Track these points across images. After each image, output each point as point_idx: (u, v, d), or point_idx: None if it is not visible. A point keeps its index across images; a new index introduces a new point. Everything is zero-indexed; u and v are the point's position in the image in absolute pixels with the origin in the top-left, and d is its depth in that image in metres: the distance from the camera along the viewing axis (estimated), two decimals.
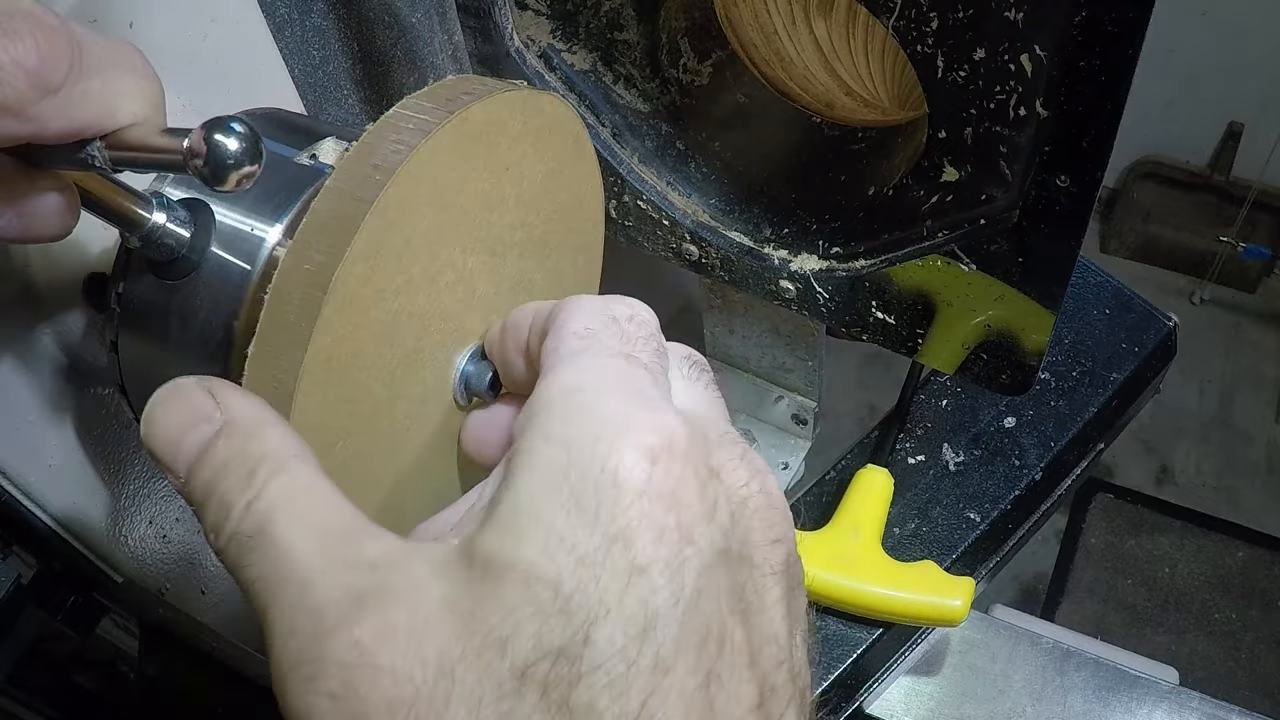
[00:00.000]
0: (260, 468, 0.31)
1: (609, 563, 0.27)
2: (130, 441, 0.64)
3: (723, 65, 0.67)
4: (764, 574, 0.31)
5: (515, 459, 0.30)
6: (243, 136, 0.30)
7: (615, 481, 0.28)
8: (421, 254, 0.39)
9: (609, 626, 0.27)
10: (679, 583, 0.28)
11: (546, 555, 0.27)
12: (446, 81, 0.41)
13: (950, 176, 0.55)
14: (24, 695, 0.76)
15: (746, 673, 0.29)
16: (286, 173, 0.42)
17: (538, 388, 0.32)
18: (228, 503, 0.31)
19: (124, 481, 0.65)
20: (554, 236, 0.48)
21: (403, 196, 0.36)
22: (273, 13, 0.60)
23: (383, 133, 0.37)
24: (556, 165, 0.47)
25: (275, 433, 0.32)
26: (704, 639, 0.28)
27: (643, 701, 0.27)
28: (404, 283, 0.38)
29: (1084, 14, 0.44)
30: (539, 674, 0.27)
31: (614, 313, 0.34)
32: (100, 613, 0.71)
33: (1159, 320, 0.83)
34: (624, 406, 0.30)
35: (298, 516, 0.30)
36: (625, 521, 0.28)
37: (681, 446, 0.29)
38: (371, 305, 0.37)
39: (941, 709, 0.75)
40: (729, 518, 0.30)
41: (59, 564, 0.65)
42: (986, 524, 0.75)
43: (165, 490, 0.68)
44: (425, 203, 0.38)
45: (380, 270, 0.37)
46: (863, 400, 2.29)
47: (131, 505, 0.66)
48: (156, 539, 0.68)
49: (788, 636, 0.31)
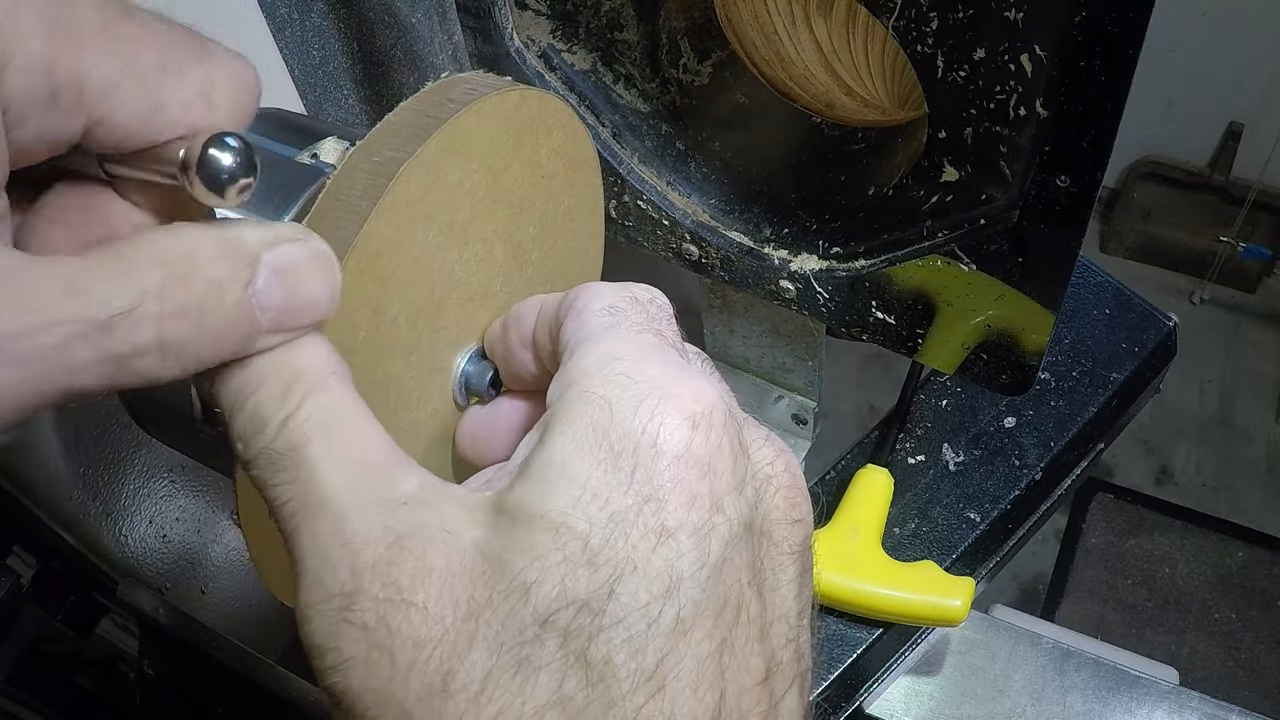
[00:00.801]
0: (298, 383, 0.30)
1: (640, 521, 0.28)
2: (130, 441, 0.64)
3: (723, 65, 0.67)
4: (782, 552, 0.32)
5: (553, 420, 0.30)
6: (236, 150, 0.30)
7: (655, 443, 0.29)
8: (466, 203, 0.40)
9: (634, 583, 0.27)
10: (705, 549, 0.28)
11: (580, 508, 0.28)
12: (502, 76, 0.42)
13: (950, 176, 0.55)
14: (24, 695, 0.76)
15: (757, 645, 0.30)
16: (287, 172, 0.42)
17: (568, 361, 0.32)
18: (262, 416, 0.30)
19: (124, 481, 0.65)
20: (559, 281, 0.49)
21: (468, 130, 0.38)
22: (273, 13, 0.60)
23: (454, 81, 0.39)
24: (576, 208, 0.48)
25: (316, 345, 0.31)
26: (722, 607, 0.29)
27: (659, 660, 0.27)
28: (448, 224, 0.39)
29: (1084, 14, 0.44)
30: (560, 622, 0.27)
31: (635, 294, 0.35)
32: (100, 613, 0.71)
33: (1159, 320, 0.83)
34: (665, 372, 0.30)
35: (334, 442, 0.30)
36: (660, 483, 0.28)
37: (720, 417, 0.30)
38: (420, 224, 0.38)
39: (941, 709, 0.75)
40: (755, 493, 0.31)
41: (59, 564, 0.65)
42: (986, 524, 0.75)
43: (165, 490, 0.68)
44: (481, 154, 0.39)
45: (436, 190, 0.38)
46: (863, 400, 2.29)
47: (131, 505, 0.66)
48: (156, 539, 0.68)
49: (797, 617, 0.32)
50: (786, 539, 0.32)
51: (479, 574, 0.28)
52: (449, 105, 0.37)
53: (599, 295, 0.34)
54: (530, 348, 0.38)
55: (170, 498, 0.69)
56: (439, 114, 0.37)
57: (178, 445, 0.52)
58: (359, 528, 0.28)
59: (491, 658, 0.27)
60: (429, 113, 0.37)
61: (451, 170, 0.38)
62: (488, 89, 0.39)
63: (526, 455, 0.30)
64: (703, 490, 0.29)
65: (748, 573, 0.30)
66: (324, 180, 0.37)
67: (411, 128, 0.36)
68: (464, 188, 0.39)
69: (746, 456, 0.31)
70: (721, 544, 0.29)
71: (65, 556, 0.63)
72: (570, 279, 0.50)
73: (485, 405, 0.43)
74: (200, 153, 0.30)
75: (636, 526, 0.28)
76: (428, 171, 0.37)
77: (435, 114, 0.37)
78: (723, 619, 0.29)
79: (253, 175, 0.31)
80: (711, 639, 0.28)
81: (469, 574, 0.28)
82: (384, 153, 0.36)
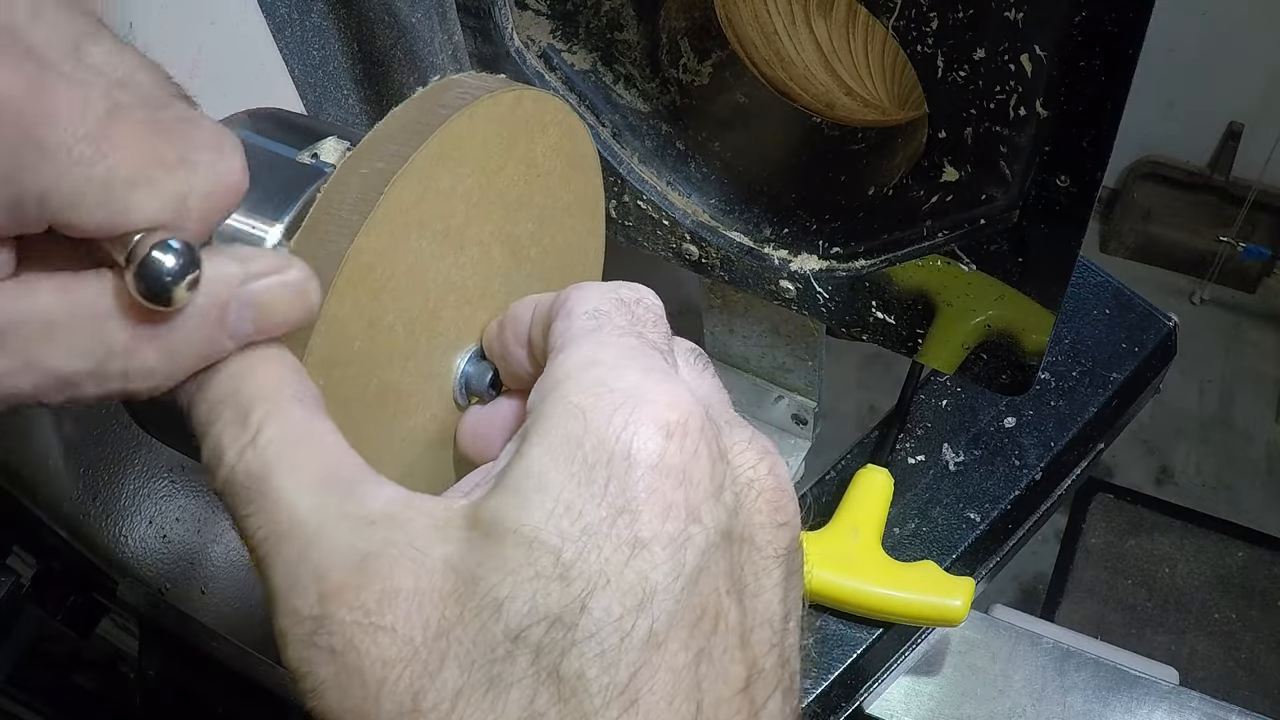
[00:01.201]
0: (255, 409, 0.30)
1: (613, 534, 0.28)
2: (130, 441, 0.64)
3: (723, 65, 0.67)
4: (766, 556, 0.31)
5: (530, 429, 0.30)
6: (179, 251, 0.29)
7: (628, 454, 0.28)
8: (460, 209, 0.40)
9: (607, 597, 0.27)
10: (680, 559, 0.28)
11: (553, 521, 0.28)
12: (497, 75, 0.42)
13: (950, 176, 0.55)
14: (24, 695, 0.76)
15: (737, 653, 0.29)
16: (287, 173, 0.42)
17: (550, 365, 0.32)
18: (221, 447, 0.30)
19: (124, 481, 0.65)
20: (557, 278, 0.49)
21: (460, 136, 0.38)
22: (273, 13, 0.60)
23: (447, 85, 0.38)
24: (574, 203, 0.48)
25: (272, 368, 0.31)
26: (699, 617, 0.28)
27: (632, 674, 0.27)
28: (441, 231, 0.39)
29: (1084, 14, 0.44)
30: (532, 638, 0.27)
31: (621, 295, 0.34)
32: (100, 613, 0.71)
33: (1159, 320, 0.83)
34: (641, 379, 0.30)
35: (295, 465, 0.30)
36: (634, 495, 0.28)
37: (696, 423, 0.30)
38: (413, 232, 0.37)
39: (941, 709, 0.75)
40: (734, 498, 0.30)
41: (59, 564, 0.65)
42: (986, 524, 0.75)
43: (165, 490, 0.68)
44: (474, 158, 0.39)
45: (428, 199, 0.37)
46: (863, 400, 2.29)
47: (131, 505, 0.66)
48: (156, 539, 0.68)
49: (782, 621, 0.32)
50: (770, 543, 0.31)
51: (449, 591, 0.28)
52: (440, 111, 0.37)
53: (586, 297, 0.34)
54: (526, 347, 0.38)
55: (170, 498, 0.69)
56: (430, 120, 0.36)
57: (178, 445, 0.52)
58: (326, 550, 0.28)
59: (463, 676, 0.27)
60: (420, 119, 0.36)
61: (444, 177, 0.38)
62: (481, 91, 0.38)
63: (505, 464, 0.30)
64: (678, 500, 0.28)
65: (726, 580, 0.29)
66: (324, 181, 0.37)
67: (403, 135, 0.36)
68: (457, 193, 0.39)
69: (726, 462, 0.31)
70: (698, 553, 0.28)
71: (65, 556, 0.63)
72: (570, 275, 0.50)
73: (484, 406, 0.43)
74: (144, 255, 0.28)
75: (610, 539, 0.27)
76: (419, 181, 0.36)
77: (426, 120, 0.36)
78: (699, 629, 0.28)
79: (199, 269, 0.30)
80: (687, 650, 0.28)
81: (438, 592, 0.28)
82: (374, 163, 0.35)
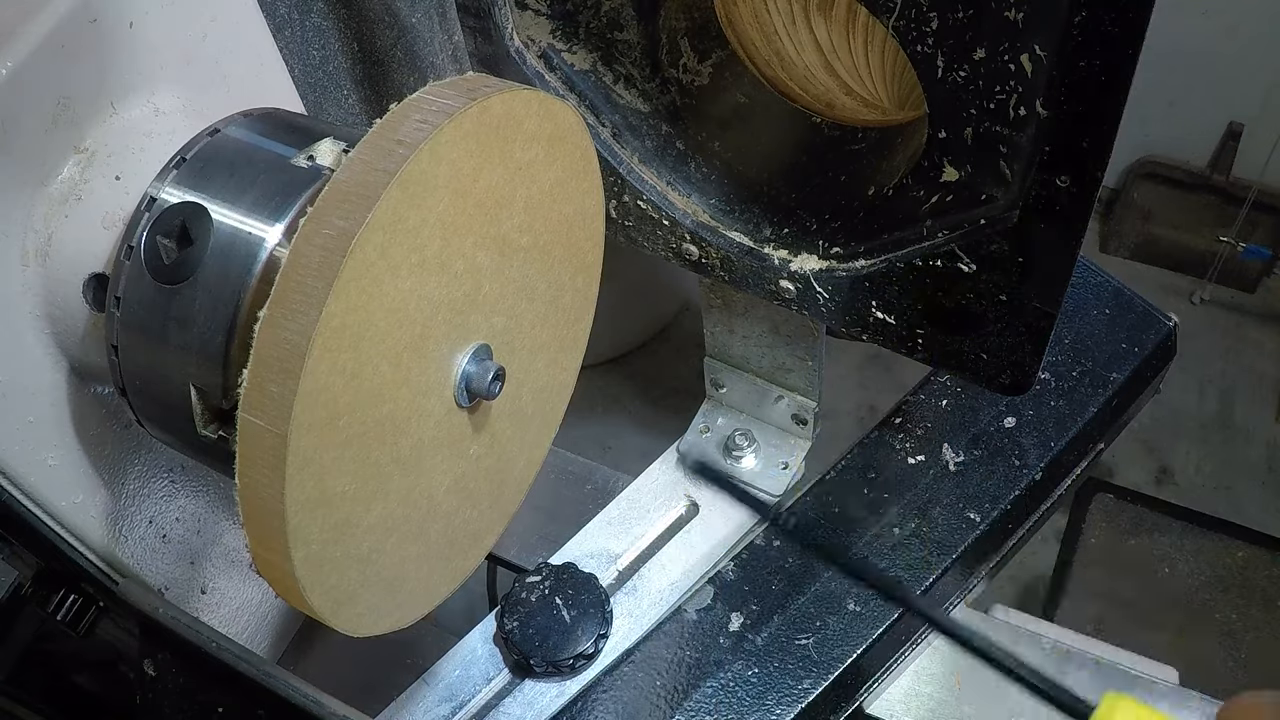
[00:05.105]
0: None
1: None
2: (130, 441, 0.64)
3: (723, 65, 0.67)
4: None
5: None
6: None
7: None
8: (436, 236, 0.39)
9: None
10: None
11: None
12: (467, 75, 0.42)
13: (950, 176, 0.55)
14: (24, 695, 0.76)
15: None
16: (285, 174, 0.42)
17: None
18: None
19: (124, 481, 0.65)
20: (557, 249, 0.49)
21: (423, 172, 0.37)
22: (273, 13, 0.60)
23: (406, 112, 0.38)
24: (564, 175, 0.47)
25: None
26: None
27: None
28: (418, 263, 0.39)
29: (1084, 14, 0.44)
30: None
31: None
32: (100, 613, 0.71)
33: (1159, 320, 0.83)
34: None
35: None
36: None
37: None
38: (386, 278, 0.37)
39: (941, 709, 0.75)
40: None
41: (59, 564, 0.65)
42: (986, 524, 0.75)
43: (165, 490, 0.68)
44: (444, 184, 0.39)
45: (397, 244, 0.37)
46: (863, 400, 2.28)
47: (131, 505, 0.66)
48: (156, 539, 0.68)
49: None
50: None
51: None
52: (398, 152, 0.36)
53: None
54: None
55: (170, 498, 0.69)
56: (387, 166, 0.36)
57: (178, 445, 0.52)
58: None
59: None
60: (377, 165, 0.36)
61: (411, 215, 0.37)
62: (441, 116, 0.37)
63: None
64: None
65: None
66: (322, 182, 0.37)
67: (360, 189, 0.35)
68: (429, 223, 0.39)
69: None
70: None
71: (65, 556, 0.63)
72: (570, 242, 0.50)
73: None
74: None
75: None
76: (383, 231, 0.36)
77: (383, 166, 0.36)
78: None
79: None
80: None
81: None
82: (334, 222, 0.35)
